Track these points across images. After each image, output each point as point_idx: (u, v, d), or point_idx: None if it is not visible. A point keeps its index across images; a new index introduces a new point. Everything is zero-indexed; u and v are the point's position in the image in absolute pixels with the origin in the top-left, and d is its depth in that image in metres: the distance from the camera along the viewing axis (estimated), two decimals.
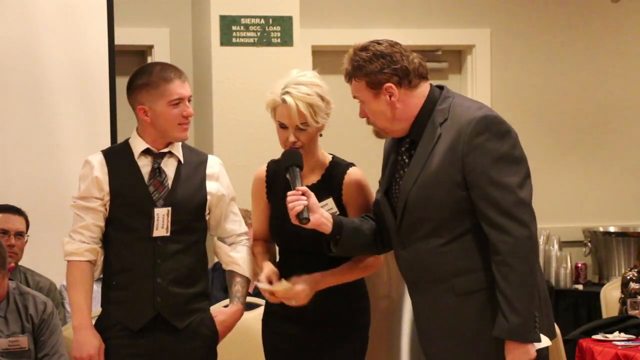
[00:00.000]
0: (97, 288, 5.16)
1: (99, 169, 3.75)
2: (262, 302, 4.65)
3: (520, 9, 6.99)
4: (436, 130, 3.22)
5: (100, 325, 3.75)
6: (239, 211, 3.94)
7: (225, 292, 4.93)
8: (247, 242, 3.92)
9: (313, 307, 3.62)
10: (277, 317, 3.77)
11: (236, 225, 3.89)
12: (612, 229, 6.96)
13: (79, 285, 3.72)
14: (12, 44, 5.56)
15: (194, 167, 3.81)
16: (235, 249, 3.88)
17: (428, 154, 3.22)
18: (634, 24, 7.38)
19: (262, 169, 3.87)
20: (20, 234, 5.12)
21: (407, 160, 3.32)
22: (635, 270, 5.48)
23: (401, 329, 6.85)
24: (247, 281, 3.89)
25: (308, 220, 3.39)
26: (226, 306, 4.08)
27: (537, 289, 3.19)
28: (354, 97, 3.36)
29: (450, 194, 3.18)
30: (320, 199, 3.54)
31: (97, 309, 3.87)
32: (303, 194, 3.40)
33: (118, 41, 5.77)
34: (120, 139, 5.60)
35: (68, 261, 3.76)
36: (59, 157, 5.62)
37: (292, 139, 3.62)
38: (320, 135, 3.70)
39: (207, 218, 3.83)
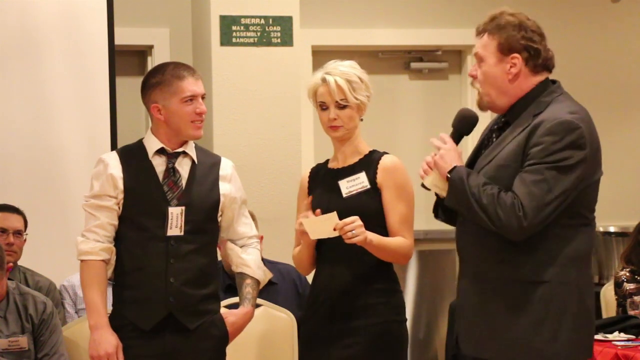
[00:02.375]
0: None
1: (114, 167, 3.74)
2: (263, 302, 4.66)
3: (520, 9, 6.98)
4: (528, 120, 3.24)
5: (111, 325, 3.73)
6: (249, 215, 3.97)
7: (226, 293, 4.94)
8: (258, 245, 3.94)
9: (341, 301, 3.69)
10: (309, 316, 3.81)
11: (247, 228, 3.91)
12: (612, 229, 6.96)
13: (95, 285, 3.70)
14: (12, 44, 5.56)
15: (208, 168, 3.81)
16: (246, 251, 3.89)
17: (511, 139, 3.24)
18: (634, 24, 7.38)
19: (305, 173, 3.95)
20: (18, 233, 5.12)
21: (495, 139, 3.35)
22: (627, 270, 5.47)
23: None
24: (258, 283, 3.90)
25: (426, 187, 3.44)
26: (229, 307, 4.09)
27: (583, 306, 3.21)
28: (475, 54, 3.35)
29: (513, 180, 3.19)
30: (352, 174, 3.70)
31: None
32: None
33: (118, 41, 5.77)
34: (120, 139, 5.61)
35: (82, 260, 3.74)
36: (59, 157, 5.62)
37: (332, 115, 3.72)
38: (361, 119, 3.78)
39: (219, 220, 3.83)
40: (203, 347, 3.74)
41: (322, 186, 3.80)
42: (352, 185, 3.74)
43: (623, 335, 4.97)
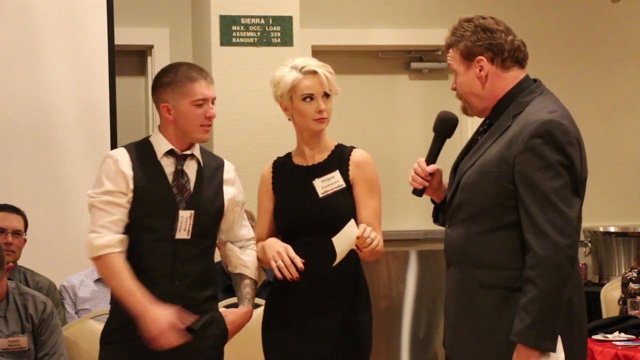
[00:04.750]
0: (100, 287, 5.15)
1: (125, 165, 3.70)
2: (263, 302, 4.66)
3: (520, 9, 6.99)
4: (508, 121, 3.24)
5: (111, 326, 3.72)
6: (246, 216, 3.97)
7: (225, 293, 4.95)
8: (255, 247, 3.94)
9: (312, 300, 3.71)
10: (277, 313, 3.82)
11: (246, 230, 3.91)
12: (612, 229, 6.95)
13: (123, 274, 3.59)
14: (12, 44, 5.56)
15: (213, 171, 3.80)
16: (244, 252, 3.90)
17: (492, 142, 3.24)
18: (634, 24, 7.38)
19: (268, 167, 3.94)
20: (17, 233, 5.12)
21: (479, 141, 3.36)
22: (635, 270, 5.48)
23: (401, 329, 6.85)
24: (256, 284, 3.91)
25: (420, 195, 3.48)
26: (229, 307, 4.09)
27: (571, 308, 3.18)
28: (449, 66, 3.39)
29: (496, 186, 3.18)
30: (326, 173, 3.72)
31: (99, 308, 3.84)
32: (431, 174, 3.44)
33: (118, 41, 5.77)
34: (120, 139, 5.61)
35: (99, 257, 3.62)
36: (59, 157, 5.62)
37: (323, 105, 3.76)
38: None
39: (221, 223, 3.84)
40: (203, 345, 3.73)
41: (292, 184, 3.82)
42: (328, 185, 3.76)
43: (623, 335, 4.97)
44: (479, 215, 3.23)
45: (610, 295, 5.64)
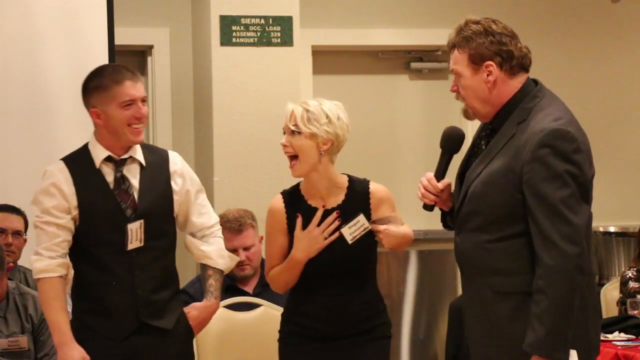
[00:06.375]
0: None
1: (64, 182, 3.65)
2: (262, 302, 4.65)
3: (520, 9, 6.99)
4: (512, 128, 3.21)
5: (75, 329, 3.65)
6: (208, 202, 3.87)
7: (226, 293, 4.93)
8: (219, 233, 3.87)
9: (331, 320, 3.70)
10: (296, 335, 3.77)
11: (205, 218, 3.82)
12: (612, 229, 6.95)
13: (54, 302, 3.61)
14: (12, 44, 5.56)
15: (157, 168, 3.73)
16: (207, 241, 3.82)
17: (497, 151, 3.22)
18: (634, 24, 7.38)
19: (278, 201, 3.83)
20: (18, 233, 5.11)
21: (484, 147, 3.33)
22: (634, 269, 5.48)
23: (401, 329, 6.85)
24: (221, 274, 3.83)
25: (431, 210, 3.47)
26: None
27: (585, 303, 3.17)
28: (451, 69, 3.31)
29: (505, 195, 3.17)
30: (350, 218, 3.69)
31: None
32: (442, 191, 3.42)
33: (118, 41, 5.77)
34: None
35: (39, 279, 3.64)
36: (59, 157, 5.60)
37: (283, 140, 3.73)
38: (322, 153, 3.72)
39: (175, 217, 3.78)
40: (169, 344, 3.69)
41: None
42: (355, 230, 3.73)
43: (623, 335, 4.97)
44: (489, 224, 3.22)
45: (610, 295, 5.64)
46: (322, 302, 3.70)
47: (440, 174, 3.43)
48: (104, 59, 5.65)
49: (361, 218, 3.72)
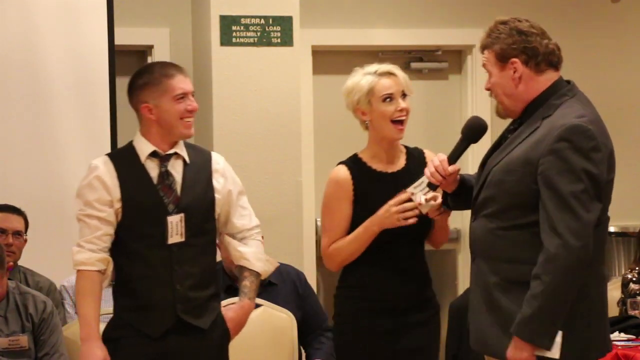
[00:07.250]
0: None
1: (108, 175, 3.68)
2: (263, 302, 4.66)
3: (520, 9, 6.98)
4: (537, 122, 3.29)
5: (114, 332, 3.70)
6: (248, 204, 3.90)
7: (226, 293, 4.94)
8: (259, 237, 3.89)
9: (400, 296, 3.82)
10: (367, 312, 3.85)
11: (246, 220, 3.85)
12: (612, 229, 6.95)
13: (89, 296, 3.64)
14: (12, 44, 5.56)
15: (200, 166, 3.77)
16: (246, 243, 3.84)
17: (520, 141, 3.29)
18: (634, 24, 7.38)
19: (343, 170, 3.90)
20: (18, 233, 5.12)
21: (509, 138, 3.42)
22: (636, 271, 5.48)
23: None
24: (258, 276, 3.84)
25: (434, 190, 3.66)
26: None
27: (587, 292, 3.21)
28: (483, 66, 3.44)
29: (521, 185, 3.23)
30: (415, 179, 3.73)
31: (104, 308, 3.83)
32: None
33: (118, 41, 5.77)
34: (120, 139, 5.61)
35: (78, 270, 3.67)
36: (59, 157, 5.62)
37: (403, 104, 3.89)
38: None
39: (216, 216, 3.80)
40: (205, 345, 3.72)
41: (380, 192, 3.81)
42: (420, 190, 3.76)
43: (623, 335, 4.97)
44: (504, 211, 3.28)
45: (610, 295, 5.61)
46: (383, 275, 3.80)
47: (453, 158, 3.57)
48: (104, 59, 5.66)
49: (424, 179, 3.75)
